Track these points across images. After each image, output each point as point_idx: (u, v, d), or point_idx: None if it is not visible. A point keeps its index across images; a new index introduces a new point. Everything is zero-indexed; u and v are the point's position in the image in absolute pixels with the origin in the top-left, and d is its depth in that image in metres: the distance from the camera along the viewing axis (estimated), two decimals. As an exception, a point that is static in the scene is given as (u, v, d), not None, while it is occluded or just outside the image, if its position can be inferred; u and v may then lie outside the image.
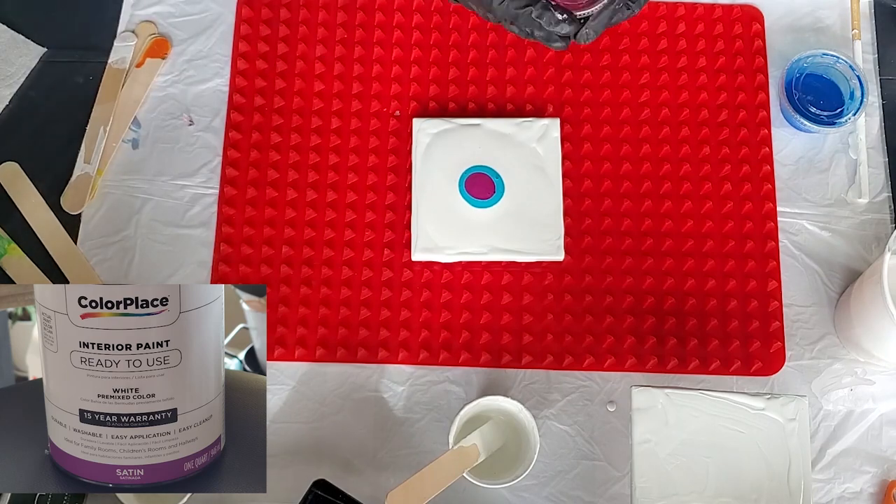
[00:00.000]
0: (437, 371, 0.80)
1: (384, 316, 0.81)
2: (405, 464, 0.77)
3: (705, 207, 0.83)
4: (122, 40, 0.88)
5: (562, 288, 0.81)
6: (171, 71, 0.88)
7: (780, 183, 0.85)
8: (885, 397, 0.79)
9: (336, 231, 0.83)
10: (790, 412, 0.69)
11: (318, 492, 0.70)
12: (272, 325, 0.80)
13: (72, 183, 0.84)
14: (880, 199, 0.84)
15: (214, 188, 0.84)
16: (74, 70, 0.87)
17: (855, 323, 0.76)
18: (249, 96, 0.86)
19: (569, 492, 0.77)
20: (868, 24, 0.89)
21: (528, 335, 0.80)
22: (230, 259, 0.82)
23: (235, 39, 0.88)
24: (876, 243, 0.83)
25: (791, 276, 0.82)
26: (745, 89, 0.87)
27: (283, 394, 0.79)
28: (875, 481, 0.77)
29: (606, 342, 0.80)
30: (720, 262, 0.82)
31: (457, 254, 0.80)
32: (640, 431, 0.69)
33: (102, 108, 0.85)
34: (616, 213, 0.83)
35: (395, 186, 0.84)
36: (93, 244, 0.83)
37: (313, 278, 0.82)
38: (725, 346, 0.80)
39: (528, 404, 0.73)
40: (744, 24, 0.89)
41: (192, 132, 0.86)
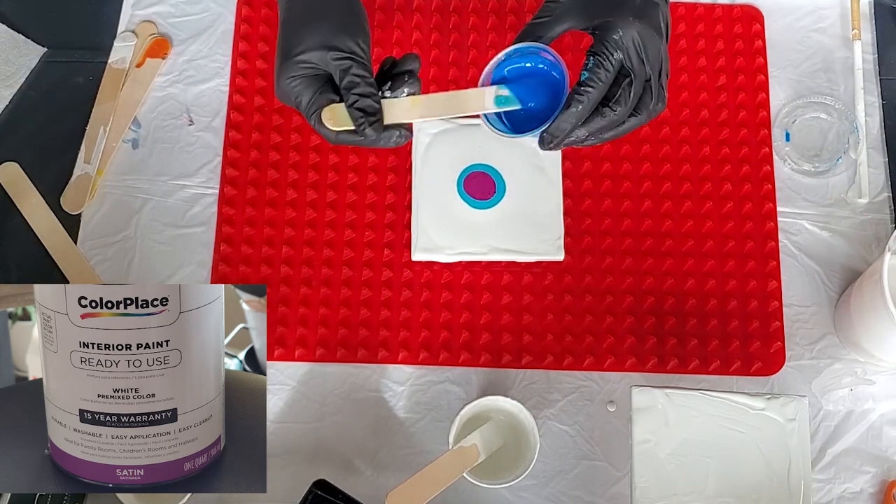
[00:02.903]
0: (437, 371, 0.80)
1: (384, 316, 0.81)
2: (405, 464, 0.77)
3: (705, 207, 0.83)
4: (122, 40, 0.88)
5: (562, 288, 0.81)
6: (171, 71, 0.88)
7: (780, 183, 0.85)
8: (885, 397, 0.79)
9: (336, 231, 0.83)
10: (790, 412, 0.69)
11: (318, 492, 0.70)
12: (272, 325, 0.80)
13: (72, 183, 0.84)
14: (880, 199, 0.84)
15: (214, 188, 0.84)
16: (74, 70, 0.87)
17: (855, 323, 0.76)
18: (249, 96, 0.86)
19: (569, 492, 0.77)
20: (868, 24, 0.89)
21: (528, 335, 0.80)
22: (230, 259, 0.82)
23: (235, 39, 0.88)
24: (876, 243, 0.83)
25: (791, 276, 0.82)
26: (745, 89, 0.87)
27: (283, 394, 0.79)
28: (875, 481, 0.77)
29: (606, 342, 0.80)
30: (720, 262, 0.82)
31: (457, 254, 0.80)
32: (640, 431, 0.69)
33: (102, 108, 0.85)
34: (616, 213, 0.83)
35: (395, 186, 0.84)
36: (93, 244, 0.83)
37: (313, 278, 0.82)
38: (725, 346, 0.80)
39: (528, 404, 0.73)
40: (744, 24, 0.89)
41: (192, 132, 0.86)
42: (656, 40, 0.64)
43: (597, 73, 0.63)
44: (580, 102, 0.63)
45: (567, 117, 0.64)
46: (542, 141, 0.66)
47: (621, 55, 0.63)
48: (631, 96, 0.64)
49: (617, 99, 0.64)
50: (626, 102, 0.64)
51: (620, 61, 0.64)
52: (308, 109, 0.64)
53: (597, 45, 0.64)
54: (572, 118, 0.64)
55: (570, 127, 0.64)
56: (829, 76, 0.88)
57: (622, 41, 0.63)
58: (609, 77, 0.64)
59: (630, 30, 0.63)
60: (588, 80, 0.63)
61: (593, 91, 0.63)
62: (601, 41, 0.64)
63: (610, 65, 0.63)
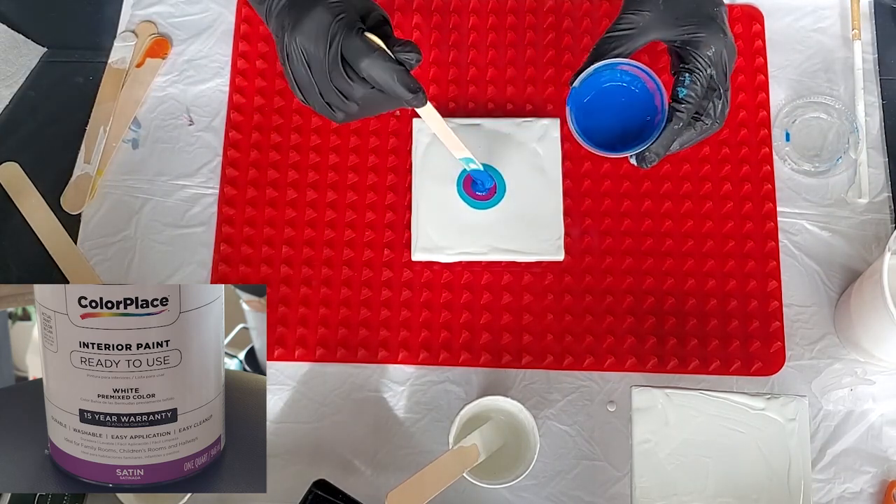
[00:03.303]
0: (437, 371, 0.80)
1: (384, 316, 0.81)
2: (405, 464, 0.77)
3: (705, 207, 0.83)
4: (122, 40, 0.88)
5: (562, 288, 0.81)
6: (171, 71, 0.88)
7: (780, 183, 0.85)
8: (885, 397, 0.79)
9: (336, 231, 0.83)
10: (790, 412, 0.69)
11: (318, 492, 0.70)
12: (272, 325, 0.80)
13: (72, 183, 0.84)
14: (880, 199, 0.84)
15: (214, 188, 0.84)
16: (74, 70, 0.87)
17: (855, 323, 0.76)
18: (249, 96, 0.86)
19: (569, 492, 0.77)
20: (868, 24, 0.89)
21: (528, 335, 0.80)
22: (230, 259, 0.82)
23: (235, 39, 0.88)
24: (876, 243, 0.83)
25: (791, 276, 0.82)
26: (745, 89, 0.87)
27: (283, 394, 0.79)
28: (875, 481, 0.77)
29: (606, 342, 0.80)
30: (720, 262, 0.82)
31: (457, 254, 0.80)
32: (640, 431, 0.69)
33: (102, 108, 0.85)
34: (616, 213, 0.83)
35: (395, 186, 0.84)
36: (93, 244, 0.83)
37: (313, 278, 0.82)
38: (725, 346, 0.80)
39: (528, 404, 0.73)
40: (744, 24, 0.89)
41: (192, 132, 0.86)
42: (735, 55, 0.67)
43: (694, 88, 0.65)
44: (681, 119, 0.65)
45: (672, 134, 0.66)
46: (645, 160, 0.67)
47: (713, 71, 0.65)
48: (718, 109, 0.67)
49: (707, 112, 0.66)
50: (714, 113, 0.67)
51: (712, 76, 0.65)
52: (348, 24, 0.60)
53: (691, 61, 0.65)
54: (674, 135, 0.66)
55: (670, 143, 0.66)
56: (829, 76, 0.88)
57: (715, 56, 0.65)
58: (703, 92, 0.66)
59: (720, 46, 0.65)
60: (687, 96, 0.65)
61: (692, 106, 0.65)
62: (695, 56, 0.65)
63: (704, 80, 0.65)
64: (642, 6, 0.67)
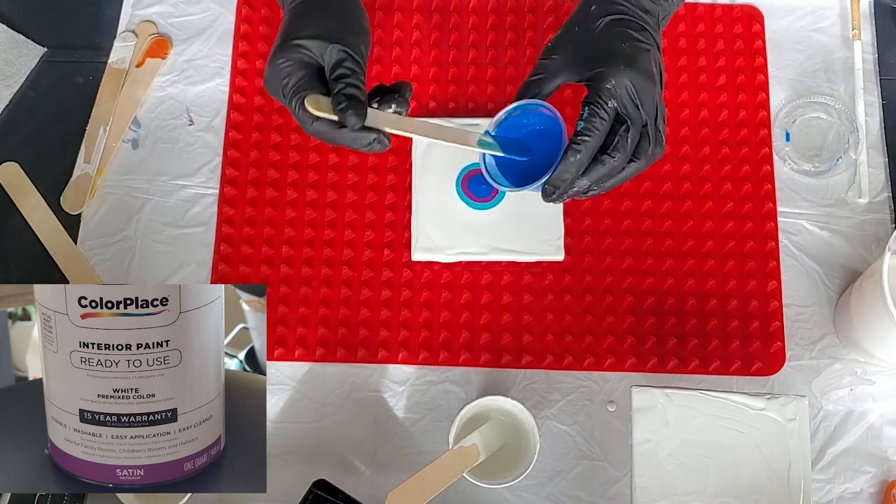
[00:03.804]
0: (437, 371, 0.80)
1: (384, 316, 0.81)
2: (405, 464, 0.77)
3: (705, 207, 0.83)
4: (122, 40, 0.88)
5: (562, 288, 0.81)
6: (171, 71, 0.88)
7: (780, 183, 0.85)
8: (885, 397, 0.79)
9: (336, 231, 0.83)
10: (790, 412, 0.69)
11: (318, 492, 0.70)
12: (272, 325, 0.80)
13: (72, 183, 0.84)
14: (880, 199, 0.84)
15: (214, 188, 0.84)
16: (74, 70, 0.87)
17: (855, 323, 0.76)
18: (249, 96, 0.86)
19: (569, 492, 0.77)
20: (868, 24, 0.89)
21: (528, 335, 0.80)
22: (230, 259, 0.82)
23: (235, 39, 0.88)
24: (876, 243, 0.83)
25: (791, 276, 0.82)
26: (745, 89, 0.87)
27: (283, 394, 0.79)
28: (875, 481, 0.77)
29: (606, 342, 0.80)
30: (720, 262, 0.82)
31: (457, 254, 0.80)
32: (640, 431, 0.69)
33: (102, 108, 0.85)
34: (616, 213, 0.83)
35: (395, 186, 0.84)
36: (93, 244, 0.83)
37: (313, 278, 0.82)
38: (725, 346, 0.80)
39: (528, 404, 0.73)
40: (744, 24, 0.89)
41: (192, 132, 0.86)
42: (650, 86, 0.66)
43: (592, 121, 0.64)
44: (578, 151, 0.64)
45: (566, 167, 0.65)
46: (545, 193, 0.67)
47: (615, 103, 0.65)
48: (629, 143, 0.65)
49: (615, 146, 0.65)
50: (624, 149, 0.65)
51: (615, 109, 0.65)
52: (294, 89, 0.64)
53: (591, 96, 0.65)
54: (572, 167, 0.65)
55: (571, 177, 0.65)
56: (829, 76, 0.88)
57: (615, 90, 0.65)
58: (605, 125, 0.65)
59: (622, 78, 0.64)
60: (584, 129, 0.65)
61: (590, 140, 0.64)
62: (595, 91, 0.65)
63: (605, 113, 0.65)
64: (555, 51, 0.69)
